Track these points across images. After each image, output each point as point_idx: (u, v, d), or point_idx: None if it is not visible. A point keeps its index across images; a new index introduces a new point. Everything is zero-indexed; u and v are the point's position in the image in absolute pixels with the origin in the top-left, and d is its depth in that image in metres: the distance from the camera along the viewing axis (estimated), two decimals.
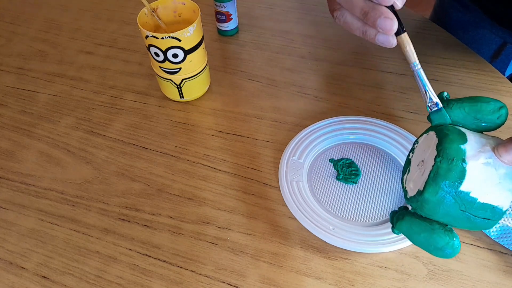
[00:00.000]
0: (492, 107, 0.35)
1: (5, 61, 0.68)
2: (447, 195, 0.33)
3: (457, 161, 0.33)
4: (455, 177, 0.33)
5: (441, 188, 0.33)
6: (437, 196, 0.33)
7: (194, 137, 0.55)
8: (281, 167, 0.49)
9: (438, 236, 0.34)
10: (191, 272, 0.43)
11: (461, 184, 0.32)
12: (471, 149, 0.33)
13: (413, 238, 0.36)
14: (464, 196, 0.33)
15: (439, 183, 0.33)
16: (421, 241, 0.35)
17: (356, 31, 0.38)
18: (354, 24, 0.38)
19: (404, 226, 0.36)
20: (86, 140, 0.55)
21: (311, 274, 0.42)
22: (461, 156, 0.33)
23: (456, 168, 0.32)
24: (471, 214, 0.33)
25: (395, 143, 0.51)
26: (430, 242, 0.35)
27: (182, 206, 0.48)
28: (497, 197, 0.33)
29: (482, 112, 0.35)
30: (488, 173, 0.33)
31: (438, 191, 0.33)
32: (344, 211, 0.46)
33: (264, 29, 0.71)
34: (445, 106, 0.36)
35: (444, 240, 0.34)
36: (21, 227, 0.47)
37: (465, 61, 0.63)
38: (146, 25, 0.53)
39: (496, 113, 0.35)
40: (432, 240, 0.34)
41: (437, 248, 0.34)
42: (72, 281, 0.42)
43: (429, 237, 0.34)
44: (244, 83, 0.62)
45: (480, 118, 0.36)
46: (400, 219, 0.36)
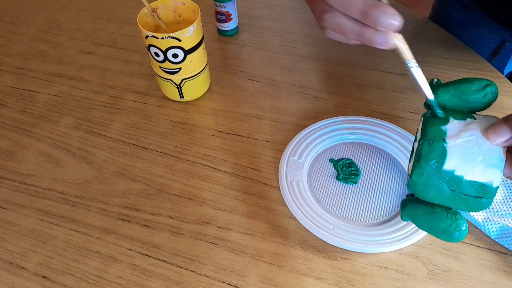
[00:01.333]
0: (476, 87, 0.35)
1: (5, 61, 0.68)
2: (432, 175, 0.34)
3: (437, 141, 0.34)
4: (436, 157, 0.34)
5: (425, 168, 0.34)
6: (423, 177, 0.34)
7: (194, 137, 0.55)
8: (281, 167, 0.49)
9: (440, 218, 0.35)
10: (191, 272, 0.43)
11: (443, 164, 0.33)
12: (453, 129, 0.34)
13: (418, 223, 0.37)
14: (450, 175, 0.33)
15: (422, 164, 0.34)
16: (425, 225, 0.36)
17: (350, 33, 0.35)
18: (348, 26, 0.35)
19: (407, 212, 0.37)
20: (86, 140, 0.55)
21: (311, 274, 0.42)
22: (441, 137, 0.34)
23: (436, 148, 0.34)
24: (461, 193, 0.34)
25: (395, 143, 0.51)
26: (433, 226, 0.35)
27: (182, 206, 0.48)
28: (484, 173, 0.33)
29: (466, 93, 0.36)
30: (470, 151, 0.33)
31: (422, 172, 0.34)
32: (344, 211, 0.46)
33: (264, 29, 0.71)
34: (432, 92, 0.37)
35: (446, 222, 0.34)
36: (21, 227, 0.47)
37: (465, 61, 0.63)
38: (146, 25, 0.53)
39: (481, 91, 0.35)
40: (435, 223, 0.35)
41: (441, 232, 0.35)
42: (72, 281, 0.42)
43: (431, 220, 0.35)
44: (244, 83, 0.62)
45: (466, 98, 0.36)
46: (404, 206, 0.37)
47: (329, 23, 0.36)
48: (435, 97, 0.36)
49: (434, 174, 0.34)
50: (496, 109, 0.55)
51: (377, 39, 0.34)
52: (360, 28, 0.34)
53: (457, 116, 0.35)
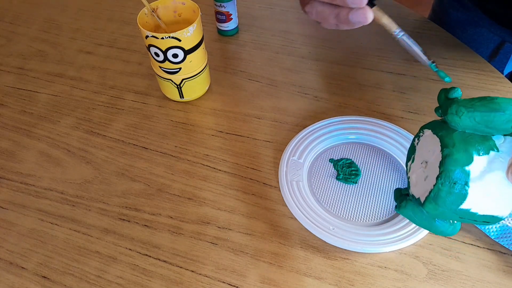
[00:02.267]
0: (507, 117, 0.31)
1: (5, 61, 0.68)
2: (446, 211, 0.34)
3: (459, 186, 0.31)
4: (455, 201, 0.32)
5: (440, 207, 0.33)
6: (436, 212, 0.34)
7: (194, 137, 0.55)
8: (281, 167, 0.49)
9: (440, 224, 0.36)
10: (191, 272, 0.43)
11: (461, 205, 0.32)
12: (476, 170, 0.32)
13: (414, 221, 0.38)
14: (464, 212, 0.33)
15: (439, 203, 0.33)
16: (421, 224, 0.37)
17: (329, 17, 0.36)
18: (326, 11, 0.36)
19: (406, 212, 0.38)
20: (86, 140, 0.55)
21: (311, 274, 0.42)
22: (464, 180, 0.31)
23: (457, 192, 0.32)
24: (471, 220, 0.34)
25: (395, 143, 0.51)
26: (431, 227, 0.36)
27: (182, 206, 0.48)
28: (498, 208, 0.33)
29: (494, 123, 0.31)
30: (490, 190, 0.32)
31: (437, 209, 0.34)
32: (344, 211, 0.46)
33: (264, 29, 0.71)
34: (454, 113, 0.33)
35: (444, 226, 0.36)
36: (21, 227, 0.47)
37: (465, 61, 0.63)
38: (146, 25, 0.53)
39: (510, 122, 0.31)
40: (433, 228, 0.36)
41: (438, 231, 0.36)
42: (72, 281, 0.42)
43: (430, 225, 0.36)
44: (244, 83, 0.62)
45: (492, 127, 0.32)
46: (403, 207, 0.38)
47: (311, 14, 0.37)
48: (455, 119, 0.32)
49: (450, 211, 0.33)
50: None
51: (352, 17, 0.34)
52: (336, 11, 0.35)
53: (480, 149, 0.32)
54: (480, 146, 0.32)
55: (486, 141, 0.32)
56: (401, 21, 0.70)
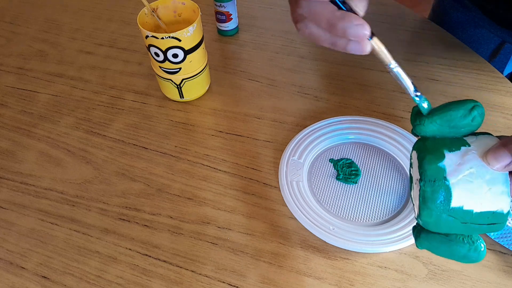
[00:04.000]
0: (462, 112, 0.33)
1: (5, 61, 0.68)
2: (441, 214, 0.33)
3: (438, 181, 0.33)
4: (441, 197, 0.33)
5: (433, 209, 0.33)
6: (433, 218, 0.33)
7: (194, 137, 0.55)
8: (281, 167, 0.49)
9: (457, 245, 0.34)
10: (191, 272, 0.43)
11: (450, 202, 0.33)
12: (450, 164, 0.33)
13: (436, 251, 0.36)
14: (459, 211, 0.33)
15: (430, 206, 0.33)
16: (444, 253, 0.35)
17: (324, 42, 0.35)
18: (321, 36, 0.35)
19: (423, 243, 0.36)
20: (86, 140, 0.55)
21: (311, 274, 0.42)
22: (441, 175, 0.33)
23: (439, 188, 0.33)
24: (474, 224, 0.33)
25: (395, 143, 0.51)
26: (452, 253, 0.35)
27: (182, 206, 0.48)
28: (492, 202, 0.32)
29: (454, 120, 0.34)
30: (474, 184, 0.32)
31: (431, 213, 0.33)
32: (344, 211, 0.46)
33: (264, 29, 0.71)
34: (418, 123, 0.35)
35: (464, 247, 0.34)
36: (21, 227, 0.47)
37: (465, 61, 0.63)
38: (146, 25, 0.53)
39: (468, 116, 0.33)
40: (454, 250, 0.34)
41: (461, 256, 0.34)
42: (72, 281, 0.42)
43: (449, 248, 0.35)
44: (244, 83, 0.62)
45: (454, 125, 0.34)
46: (418, 237, 0.36)
47: (303, 32, 0.36)
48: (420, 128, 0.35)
49: (443, 212, 0.33)
50: (496, 109, 0.55)
51: (350, 48, 0.34)
52: (332, 38, 0.34)
53: (451, 147, 0.34)
54: (451, 145, 0.34)
55: (457, 141, 0.34)
56: (401, 21, 0.70)
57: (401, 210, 0.46)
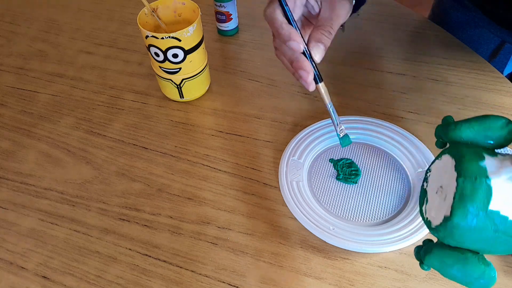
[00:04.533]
0: (501, 123, 0.33)
1: (5, 61, 0.68)
2: (476, 217, 0.31)
3: (480, 178, 0.31)
4: (482, 196, 0.31)
5: (469, 210, 0.31)
6: (467, 220, 0.31)
7: (194, 137, 0.55)
8: (281, 167, 0.49)
9: (473, 265, 0.32)
10: (191, 272, 0.43)
11: (489, 203, 0.31)
12: (491, 165, 0.32)
13: (447, 271, 0.33)
14: (494, 216, 0.31)
15: (467, 205, 0.31)
16: (456, 274, 0.32)
17: (289, 70, 0.44)
18: (287, 65, 0.44)
19: (434, 260, 0.34)
20: (86, 140, 0.55)
21: (311, 274, 0.42)
22: (484, 173, 0.31)
23: (481, 186, 0.31)
24: (506, 235, 0.31)
25: (395, 143, 0.51)
26: (466, 273, 0.32)
27: (182, 206, 0.48)
28: None
29: (491, 129, 0.33)
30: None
31: (467, 213, 0.31)
32: (344, 211, 0.46)
33: (264, 29, 0.71)
34: (453, 128, 0.35)
35: (480, 268, 0.32)
36: (21, 227, 0.47)
37: (465, 61, 0.63)
38: (146, 25, 0.53)
39: (505, 128, 0.33)
40: (468, 270, 0.32)
41: (473, 279, 0.32)
42: (72, 281, 0.42)
43: (463, 268, 0.32)
44: (244, 83, 0.62)
45: (491, 135, 0.33)
46: (428, 253, 0.34)
47: (277, 56, 0.45)
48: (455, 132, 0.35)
49: (479, 215, 0.31)
50: (496, 109, 0.55)
51: (301, 82, 0.42)
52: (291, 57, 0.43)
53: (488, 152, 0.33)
54: (487, 151, 0.33)
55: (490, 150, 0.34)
56: (401, 21, 0.70)
57: (401, 210, 0.46)
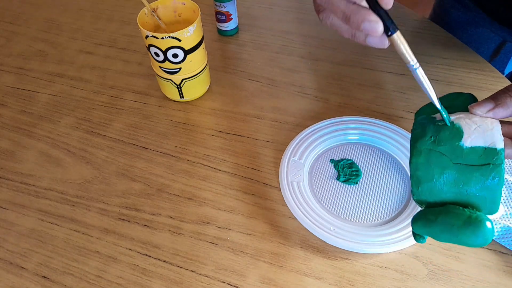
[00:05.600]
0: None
1: (5, 61, 0.68)
2: (431, 151, 0.33)
3: (428, 121, 0.35)
4: (430, 132, 0.34)
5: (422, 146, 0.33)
6: (422, 155, 0.33)
7: (194, 137, 0.55)
8: (282, 168, 0.49)
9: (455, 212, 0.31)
10: (191, 272, 0.43)
11: (439, 136, 0.33)
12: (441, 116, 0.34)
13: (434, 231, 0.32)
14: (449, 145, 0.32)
15: (418, 144, 0.34)
16: (443, 228, 0.32)
17: (345, 33, 0.35)
18: (342, 26, 0.35)
19: (420, 222, 0.33)
20: (86, 140, 0.55)
21: (311, 274, 0.42)
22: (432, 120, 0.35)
23: (429, 126, 0.34)
24: (467, 165, 0.31)
25: (396, 144, 0.51)
26: (451, 223, 0.31)
27: (182, 206, 0.48)
28: (483, 137, 0.31)
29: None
30: (462, 122, 0.33)
31: (421, 150, 0.33)
32: (344, 212, 0.46)
33: (264, 29, 0.71)
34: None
35: (464, 214, 0.31)
36: (21, 227, 0.47)
37: (465, 60, 0.63)
38: (146, 25, 0.53)
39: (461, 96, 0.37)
40: (452, 219, 0.31)
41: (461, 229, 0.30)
42: (72, 281, 0.42)
43: (446, 217, 0.31)
44: (244, 83, 0.62)
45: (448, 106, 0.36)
46: (413, 219, 0.34)
47: (324, 22, 0.36)
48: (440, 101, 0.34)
49: (433, 149, 0.32)
50: None
51: (369, 41, 0.34)
52: (352, 31, 0.34)
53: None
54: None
55: None
56: (401, 21, 0.70)
57: (402, 210, 0.46)
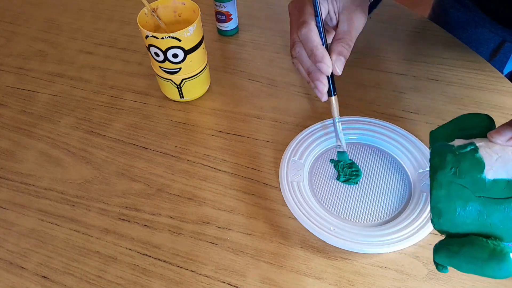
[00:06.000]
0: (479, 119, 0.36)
1: (5, 61, 0.68)
2: (451, 183, 0.32)
3: (447, 152, 0.33)
4: (450, 163, 0.32)
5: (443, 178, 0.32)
6: (443, 188, 0.32)
7: (194, 137, 0.55)
8: (282, 168, 0.49)
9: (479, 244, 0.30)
10: (191, 272, 0.43)
11: (459, 167, 0.32)
12: (459, 143, 0.34)
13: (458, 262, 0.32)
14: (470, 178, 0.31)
15: (439, 176, 0.32)
16: (465, 260, 0.31)
17: (305, 79, 0.46)
18: (303, 73, 0.46)
19: (442, 253, 0.32)
20: (86, 140, 0.55)
21: (311, 274, 0.42)
22: (450, 148, 0.34)
23: (448, 156, 0.33)
24: (490, 198, 0.31)
25: (396, 144, 0.51)
26: (475, 256, 0.30)
27: (182, 206, 0.48)
28: (505, 169, 0.31)
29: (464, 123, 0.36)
30: (482, 153, 0.32)
31: (441, 182, 0.32)
32: (345, 212, 0.46)
33: (264, 29, 0.71)
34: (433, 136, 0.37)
35: (488, 246, 0.30)
36: (21, 227, 0.47)
37: (465, 60, 0.63)
38: (146, 25, 0.53)
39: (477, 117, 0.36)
40: (475, 252, 0.30)
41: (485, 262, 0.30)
42: (72, 281, 0.42)
43: (470, 250, 0.31)
44: (244, 83, 0.62)
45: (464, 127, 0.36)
46: (435, 249, 0.33)
47: (295, 51, 0.45)
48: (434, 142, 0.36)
49: (454, 181, 0.32)
50: (496, 109, 0.55)
51: (316, 92, 0.45)
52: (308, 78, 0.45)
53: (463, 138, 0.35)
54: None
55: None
56: (401, 21, 0.70)
57: (402, 210, 0.46)
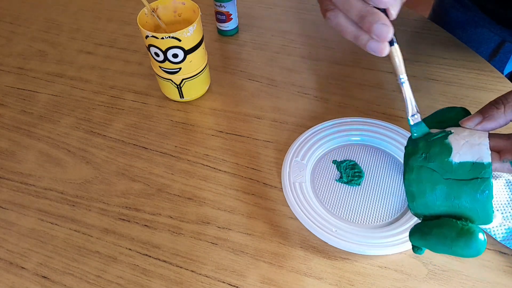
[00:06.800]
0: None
1: (5, 61, 0.68)
2: (421, 167, 0.35)
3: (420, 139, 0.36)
4: (421, 150, 0.35)
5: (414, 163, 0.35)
6: (414, 172, 0.35)
7: (194, 137, 0.55)
8: (284, 168, 0.49)
9: (449, 225, 0.33)
10: (191, 272, 0.43)
11: (429, 152, 0.35)
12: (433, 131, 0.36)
13: (430, 242, 0.34)
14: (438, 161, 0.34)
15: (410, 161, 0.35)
16: (437, 240, 0.33)
17: (348, 34, 0.36)
18: (347, 27, 0.36)
19: (416, 234, 0.35)
20: (86, 140, 0.55)
21: (311, 274, 0.42)
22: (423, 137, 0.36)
23: (420, 143, 0.36)
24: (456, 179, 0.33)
25: (398, 145, 0.51)
26: (445, 235, 0.33)
27: (182, 206, 0.48)
28: (470, 152, 0.33)
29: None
30: (451, 138, 0.35)
31: (412, 167, 0.35)
32: (347, 213, 0.46)
33: (264, 29, 0.71)
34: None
35: (457, 226, 0.32)
36: (21, 227, 0.47)
37: (465, 60, 0.63)
38: (146, 25, 0.53)
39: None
40: (445, 231, 0.33)
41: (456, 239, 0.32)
42: (72, 281, 0.42)
43: (441, 230, 0.33)
44: (244, 83, 0.62)
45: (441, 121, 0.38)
46: (410, 233, 0.36)
47: (331, 21, 0.37)
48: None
49: (424, 165, 0.35)
50: None
51: (369, 45, 0.35)
52: (357, 32, 0.36)
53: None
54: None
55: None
56: (401, 21, 0.70)
57: (404, 212, 0.46)
